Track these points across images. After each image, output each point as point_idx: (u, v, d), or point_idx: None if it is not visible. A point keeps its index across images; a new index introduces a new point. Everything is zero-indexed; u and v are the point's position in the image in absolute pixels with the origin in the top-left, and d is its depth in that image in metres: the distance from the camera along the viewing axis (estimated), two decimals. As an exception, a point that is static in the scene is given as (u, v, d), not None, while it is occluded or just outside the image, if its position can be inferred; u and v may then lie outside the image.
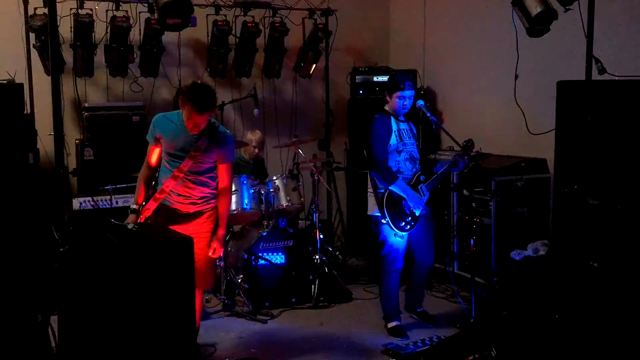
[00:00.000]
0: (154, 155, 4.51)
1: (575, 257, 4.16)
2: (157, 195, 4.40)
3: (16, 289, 4.11)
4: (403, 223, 4.79)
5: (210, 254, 4.45)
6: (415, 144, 4.98)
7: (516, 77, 4.33)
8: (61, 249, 3.16)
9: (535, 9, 3.97)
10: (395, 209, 4.77)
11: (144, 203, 4.44)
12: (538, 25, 4.06)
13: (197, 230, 4.40)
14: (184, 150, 4.38)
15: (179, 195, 4.43)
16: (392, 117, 4.88)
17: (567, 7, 4.00)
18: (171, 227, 4.20)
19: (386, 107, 4.92)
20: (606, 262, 4.08)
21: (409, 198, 4.77)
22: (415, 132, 5.03)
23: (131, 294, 3.34)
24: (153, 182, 4.59)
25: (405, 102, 4.82)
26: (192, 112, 4.25)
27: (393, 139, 4.82)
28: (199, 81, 4.45)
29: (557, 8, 4.01)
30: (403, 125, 4.93)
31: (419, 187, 4.85)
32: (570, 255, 4.26)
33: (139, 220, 4.25)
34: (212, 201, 4.58)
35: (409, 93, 4.81)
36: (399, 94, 4.81)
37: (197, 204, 4.48)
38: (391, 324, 5.01)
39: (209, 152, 4.43)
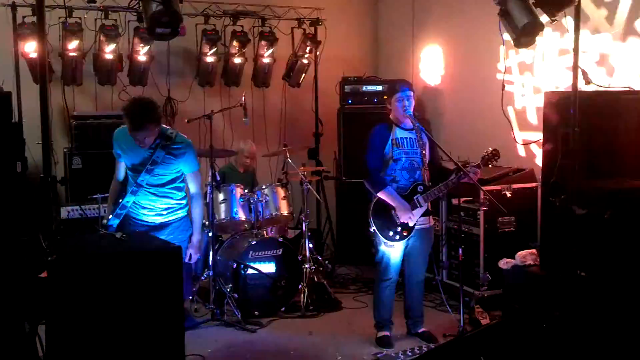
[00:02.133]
0: (120, 170, 4.57)
1: (563, 267, 4.17)
2: (119, 211, 4.46)
3: (3, 298, 4.07)
4: (391, 233, 4.74)
5: (186, 259, 4.49)
6: (421, 153, 4.82)
7: (503, 87, 4.35)
8: (49, 258, 3.13)
9: (522, 20, 3.99)
10: (384, 217, 4.75)
11: (111, 217, 4.47)
12: (525, 37, 4.08)
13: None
14: (141, 164, 4.41)
15: (143, 207, 4.48)
16: (393, 125, 4.85)
17: (554, 19, 4.03)
18: None
19: (390, 117, 4.90)
20: (594, 271, 4.10)
21: (396, 206, 4.73)
22: (425, 141, 4.86)
23: (119, 304, 3.33)
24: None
25: (404, 104, 4.74)
26: (130, 130, 4.29)
27: (388, 148, 4.78)
28: (135, 98, 4.47)
29: (544, 19, 4.04)
30: (407, 134, 4.83)
31: (414, 197, 4.74)
32: (558, 265, 4.28)
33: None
34: (179, 211, 4.60)
35: (406, 94, 4.75)
36: (396, 96, 4.78)
37: (162, 215, 4.53)
38: (380, 334, 5.00)
39: (167, 164, 4.45)
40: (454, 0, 6.95)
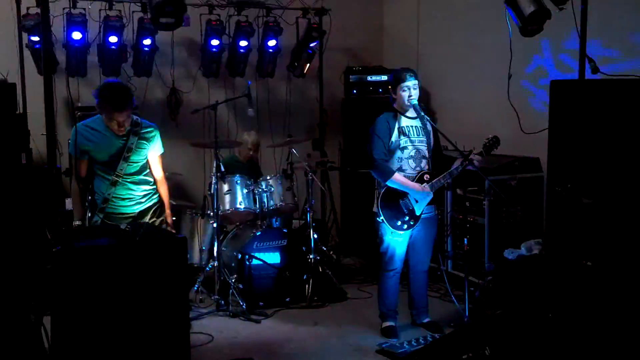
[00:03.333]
0: (83, 168, 4.54)
1: (569, 256, 4.16)
2: (102, 205, 4.48)
3: (9, 289, 4.08)
4: (399, 222, 4.75)
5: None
6: (426, 142, 4.81)
7: (510, 76, 4.33)
8: (54, 250, 3.14)
9: (528, 8, 3.96)
10: (392, 207, 4.75)
11: (89, 214, 4.48)
12: (531, 25, 4.05)
13: None
14: (117, 155, 4.42)
15: (123, 199, 4.50)
16: (398, 114, 4.83)
17: (561, 7, 4.00)
18: None
19: (394, 106, 4.88)
20: (600, 261, 4.08)
21: (409, 191, 4.71)
22: (430, 129, 4.86)
23: (124, 294, 3.34)
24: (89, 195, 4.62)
25: (410, 93, 4.72)
26: (113, 113, 4.31)
27: (395, 136, 4.75)
28: (107, 81, 4.51)
29: (551, 7, 4.01)
30: (412, 122, 4.82)
31: (422, 185, 4.74)
32: (564, 254, 4.26)
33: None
34: (154, 196, 4.72)
35: (411, 82, 4.72)
36: (401, 85, 4.75)
37: (141, 203, 4.61)
38: (385, 324, 5.01)
39: (140, 149, 4.52)
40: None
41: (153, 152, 4.63)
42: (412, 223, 4.77)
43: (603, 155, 4.24)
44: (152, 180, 4.66)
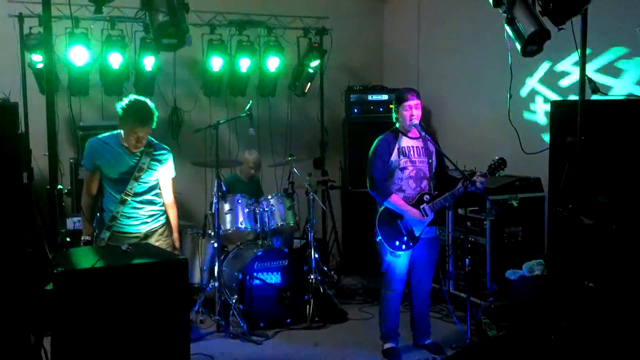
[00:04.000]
0: (94, 183, 4.52)
1: (571, 277, 4.14)
2: (110, 223, 4.45)
3: (8, 310, 4.06)
4: (397, 242, 4.73)
5: None
6: (427, 162, 4.80)
7: (510, 96, 4.33)
8: (55, 271, 3.12)
9: (528, 28, 3.97)
10: (390, 227, 4.73)
11: (97, 232, 4.46)
12: (531, 45, 4.06)
13: None
14: (128, 173, 4.43)
15: (129, 217, 4.48)
16: (400, 134, 4.84)
17: (560, 27, 4.01)
18: None
19: (397, 126, 4.88)
20: (602, 282, 4.07)
21: (405, 215, 4.72)
22: (432, 150, 4.84)
23: (125, 315, 3.32)
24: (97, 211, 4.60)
25: (412, 113, 4.73)
26: (135, 126, 4.31)
27: (394, 156, 4.75)
28: (133, 96, 4.52)
29: (551, 28, 4.03)
30: (414, 142, 4.81)
31: (421, 207, 4.71)
32: (566, 275, 4.25)
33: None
34: (161, 218, 4.65)
35: (413, 102, 4.73)
36: (404, 105, 4.76)
37: (147, 222, 4.55)
38: (386, 345, 4.97)
39: (151, 171, 4.50)
40: (459, 9, 6.95)
41: (165, 174, 4.62)
42: (410, 244, 4.74)
43: (604, 176, 4.24)
44: (160, 201, 4.63)
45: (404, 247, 4.73)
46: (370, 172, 4.77)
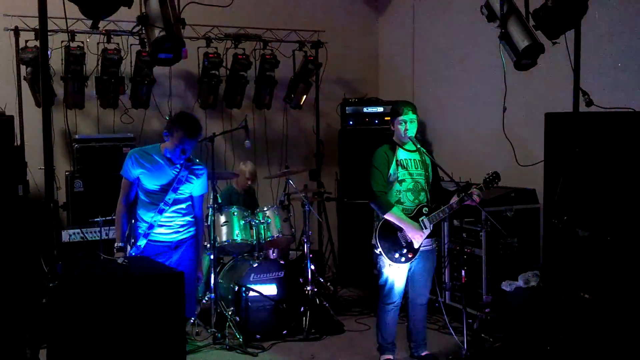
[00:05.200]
0: (130, 193, 4.61)
1: (567, 289, 4.16)
2: (147, 231, 4.52)
3: (4, 323, 4.05)
4: (397, 255, 4.72)
5: (199, 282, 4.62)
6: (424, 175, 4.81)
7: (504, 109, 4.36)
8: (50, 284, 3.12)
9: (522, 42, 4.01)
10: (390, 239, 4.73)
11: (132, 240, 4.51)
12: (525, 59, 4.10)
13: (180, 259, 4.60)
14: (167, 184, 4.53)
15: (162, 226, 4.56)
16: (397, 146, 4.86)
17: (554, 41, 4.05)
18: (156, 259, 4.30)
19: (393, 138, 4.91)
20: (597, 293, 4.08)
21: (405, 228, 4.72)
22: (429, 162, 4.86)
23: (121, 329, 3.31)
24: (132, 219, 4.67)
25: (406, 127, 4.74)
26: (184, 138, 4.44)
27: (393, 169, 4.77)
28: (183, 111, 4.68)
29: (545, 42, 4.06)
30: (411, 155, 4.83)
31: (420, 219, 4.72)
32: (562, 287, 4.26)
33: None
34: (191, 230, 4.74)
35: (408, 117, 4.75)
36: (399, 119, 4.78)
37: (179, 232, 4.65)
38: (383, 357, 4.96)
39: (188, 184, 4.62)
40: (454, 21, 7.00)
41: (198, 189, 4.72)
42: (410, 256, 4.74)
43: (598, 187, 4.27)
44: (191, 213, 4.73)
45: (403, 259, 4.74)
46: (370, 185, 4.78)
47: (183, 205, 4.64)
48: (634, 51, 5.17)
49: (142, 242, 4.55)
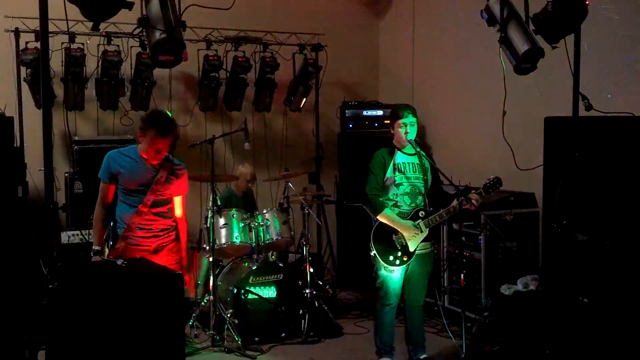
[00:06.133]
0: (109, 195, 4.53)
1: (565, 293, 4.16)
2: (125, 233, 4.45)
3: (4, 324, 4.05)
4: (392, 257, 4.73)
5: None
6: (422, 179, 4.80)
7: (504, 113, 4.37)
8: (50, 286, 3.12)
9: (522, 47, 4.01)
10: (384, 242, 4.74)
11: (111, 242, 4.46)
12: (525, 63, 4.10)
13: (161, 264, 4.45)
14: (146, 185, 4.45)
15: (141, 229, 4.49)
16: (395, 150, 4.85)
17: (554, 45, 4.06)
18: None
19: (393, 141, 4.91)
20: (596, 297, 4.08)
21: (399, 228, 4.70)
22: (428, 166, 4.84)
23: (120, 330, 3.31)
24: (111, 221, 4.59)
25: (407, 130, 4.74)
26: (156, 137, 4.35)
27: (390, 172, 4.76)
28: (156, 109, 4.56)
29: (544, 46, 4.07)
30: (409, 159, 4.83)
31: (416, 222, 4.71)
32: (560, 291, 4.26)
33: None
34: (172, 233, 4.65)
35: (408, 120, 4.75)
36: (399, 122, 4.78)
37: (159, 236, 4.55)
38: (381, 360, 4.97)
39: (167, 184, 4.53)
40: (453, 25, 7.01)
41: (179, 190, 4.64)
42: (405, 259, 4.74)
43: (598, 191, 4.27)
44: (172, 216, 4.64)
45: (398, 262, 4.74)
46: (364, 188, 4.80)
47: (164, 208, 4.55)
48: (633, 56, 5.18)
49: (120, 245, 4.46)
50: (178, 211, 4.69)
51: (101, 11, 3.37)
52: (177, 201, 4.67)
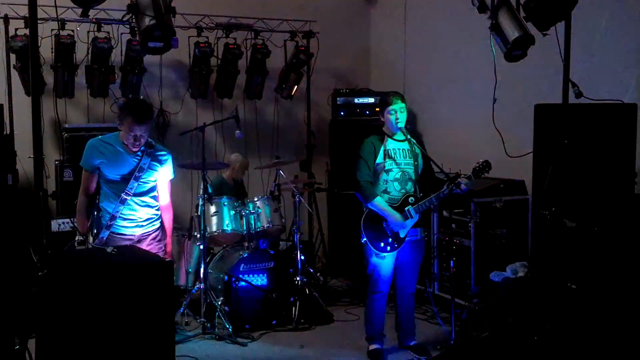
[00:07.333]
0: (91, 184, 4.50)
1: (554, 279, 4.19)
2: (109, 222, 4.43)
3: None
4: (382, 244, 4.75)
5: None
6: (413, 165, 4.81)
7: (494, 100, 4.38)
8: (39, 274, 3.12)
9: (513, 34, 4.02)
10: (375, 229, 4.76)
11: (95, 231, 4.45)
12: (516, 50, 4.11)
13: None
14: (129, 173, 4.42)
15: (125, 219, 4.47)
16: (386, 136, 4.86)
17: (545, 33, 4.06)
18: None
19: (383, 129, 4.91)
20: (584, 283, 4.12)
21: (388, 217, 4.74)
22: (418, 152, 4.85)
23: (110, 318, 3.32)
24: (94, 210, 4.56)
25: (396, 116, 4.75)
26: (133, 124, 4.31)
27: (380, 158, 4.77)
28: (134, 97, 4.51)
29: (535, 33, 4.07)
30: (400, 145, 4.84)
31: (406, 209, 4.73)
32: (549, 277, 4.30)
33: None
34: (156, 222, 4.63)
35: (398, 106, 4.75)
36: (388, 109, 4.78)
37: (142, 226, 4.53)
38: (371, 347, 4.99)
39: (151, 171, 4.50)
40: (445, 13, 7.00)
41: (163, 176, 4.60)
42: (395, 245, 4.77)
43: (587, 178, 4.30)
44: (156, 205, 4.60)
45: (388, 248, 4.77)
46: (355, 175, 4.81)
47: (148, 197, 4.52)
48: (623, 43, 5.20)
49: (105, 234, 4.44)
50: (164, 197, 4.65)
51: (90, -3, 3.35)
52: (163, 187, 4.63)
